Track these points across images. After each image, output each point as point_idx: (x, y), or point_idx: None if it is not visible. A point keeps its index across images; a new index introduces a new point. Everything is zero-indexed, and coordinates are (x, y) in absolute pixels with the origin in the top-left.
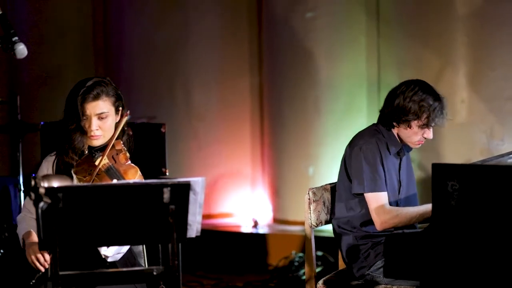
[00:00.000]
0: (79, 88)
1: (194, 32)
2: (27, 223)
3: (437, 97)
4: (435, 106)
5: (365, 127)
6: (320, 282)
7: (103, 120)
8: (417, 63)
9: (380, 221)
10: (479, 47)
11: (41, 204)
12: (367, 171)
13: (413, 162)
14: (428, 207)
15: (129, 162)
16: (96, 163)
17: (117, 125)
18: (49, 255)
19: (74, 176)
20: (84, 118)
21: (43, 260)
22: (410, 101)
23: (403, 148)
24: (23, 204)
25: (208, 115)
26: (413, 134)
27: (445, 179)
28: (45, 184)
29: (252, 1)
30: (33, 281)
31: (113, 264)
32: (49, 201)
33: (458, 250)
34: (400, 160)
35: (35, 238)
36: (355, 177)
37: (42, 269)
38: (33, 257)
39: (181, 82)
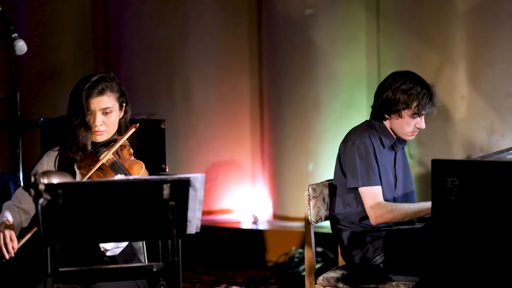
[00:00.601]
0: (84, 83)
1: (194, 30)
2: (10, 212)
3: (425, 85)
4: (424, 93)
5: None
6: (320, 278)
7: (107, 116)
8: (417, 60)
9: (374, 215)
10: (479, 44)
11: (41, 200)
12: (361, 165)
13: (413, 158)
14: (423, 205)
15: (133, 157)
16: (101, 158)
17: (119, 121)
18: (15, 243)
19: (78, 171)
20: (89, 113)
21: (10, 248)
22: (398, 91)
23: (397, 142)
24: (15, 193)
25: (208, 112)
26: (405, 125)
27: (445, 175)
28: (45, 180)
29: None
30: None
31: (113, 259)
32: (49, 197)
33: (458, 246)
34: (395, 154)
35: (9, 224)
36: (349, 172)
37: (7, 256)
38: (1, 242)
39: (181, 79)
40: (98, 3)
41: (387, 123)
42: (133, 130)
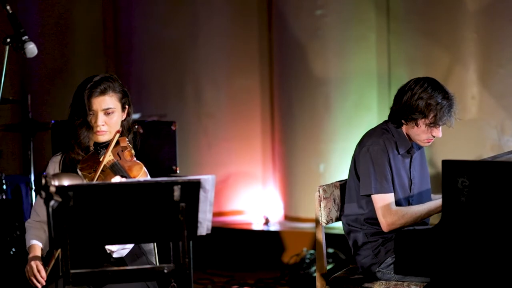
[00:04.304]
0: (86, 83)
1: (204, 30)
2: (34, 233)
3: (446, 96)
4: (443, 104)
5: (375, 124)
6: (331, 279)
7: (109, 116)
8: (427, 60)
9: (386, 223)
10: (489, 44)
11: (52, 202)
12: (374, 172)
13: None
14: (432, 204)
15: (134, 159)
16: (101, 159)
17: (122, 123)
18: (43, 272)
19: (80, 172)
20: (91, 113)
21: (39, 277)
22: (418, 99)
23: (414, 146)
24: (33, 206)
25: (219, 113)
26: (421, 133)
27: (455, 176)
28: (56, 182)
29: None
30: None
31: (122, 260)
32: (59, 199)
33: (468, 246)
34: (411, 157)
35: (37, 252)
36: (362, 178)
37: (39, 286)
38: (30, 274)
39: (191, 80)
40: (108, 4)
41: (403, 128)
42: (117, 135)
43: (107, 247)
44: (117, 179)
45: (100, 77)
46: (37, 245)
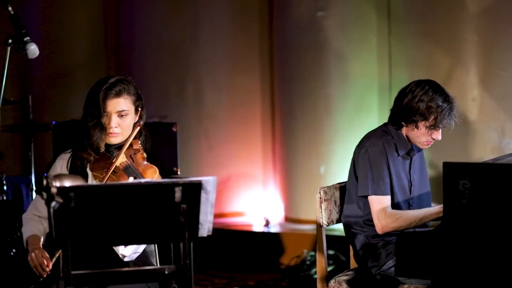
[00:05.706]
0: (101, 84)
1: (205, 31)
2: (33, 225)
3: (447, 98)
4: (444, 107)
5: (376, 126)
6: (332, 281)
7: (122, 118)
8: (428, 62)
9: (381, 225)
10: (490, 46)
11: (53, 203)
12: (372, 173)
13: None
14: (428, 210)
15: (146, 162)
16: (114, 160)
17: (134, 125)
18: (49, 261)
19: (90, 173)
20: (105, 114)
21: (45, 266)
22: (419, 101)
23: (413, 148)
24: (32, 202)
25: (219, 114)
26: (421, 135)
27: (456, 178)
28: (57, 183)
29: (263, 0)
30: (32, 286)
31: (125, 263)
32: (61, 200)
33: (470, 249)
34: (411, 159)
35: (38, 242)
36: (360, 179)
37: (44, 275)
38: (35, 262)
39: (192, 81)
40: (109, 5)
41: (403, 130)
42: (138, 128)
43: (120, 252)
44: (131, 180)
45: (115, 79)
46: (38, 236)
